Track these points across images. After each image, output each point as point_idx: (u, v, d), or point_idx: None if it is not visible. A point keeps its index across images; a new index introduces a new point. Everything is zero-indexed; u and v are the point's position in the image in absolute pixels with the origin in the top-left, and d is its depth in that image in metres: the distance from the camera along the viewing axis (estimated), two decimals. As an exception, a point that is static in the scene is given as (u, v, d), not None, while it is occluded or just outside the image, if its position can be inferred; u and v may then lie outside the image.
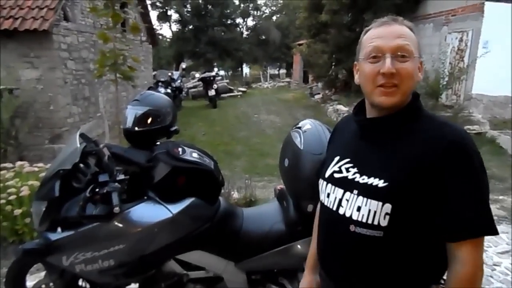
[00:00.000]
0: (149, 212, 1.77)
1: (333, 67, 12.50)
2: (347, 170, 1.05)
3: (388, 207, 0.93)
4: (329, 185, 1.09)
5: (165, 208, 1.78)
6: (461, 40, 8.89)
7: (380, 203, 0.94)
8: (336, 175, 1.07)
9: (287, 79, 24.83)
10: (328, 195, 1.08)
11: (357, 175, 1.01)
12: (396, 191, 0.94)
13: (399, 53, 0.97)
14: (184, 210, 1.79)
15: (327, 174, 1.11)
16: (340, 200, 1.03)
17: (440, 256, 0.96)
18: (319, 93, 14.21)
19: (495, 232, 0.92)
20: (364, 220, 0.96)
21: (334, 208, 1.04)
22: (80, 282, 2.04)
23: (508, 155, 6.51)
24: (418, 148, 0.95)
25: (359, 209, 0.97)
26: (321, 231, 1.16)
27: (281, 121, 10.39)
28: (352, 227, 0.99)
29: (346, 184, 1.03)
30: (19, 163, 3.57)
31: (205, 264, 1.94)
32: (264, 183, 5.32)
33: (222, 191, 2.27)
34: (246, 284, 1.97)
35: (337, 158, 1.10)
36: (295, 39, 20.09)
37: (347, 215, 1.00)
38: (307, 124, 1.89)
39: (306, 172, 1.71)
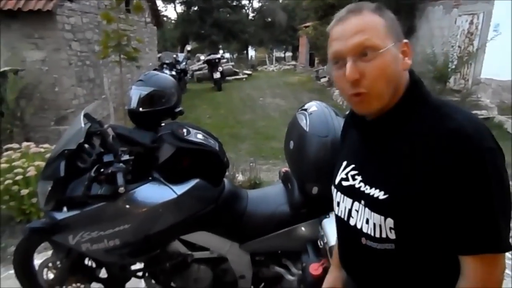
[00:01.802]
0: (154, 193, 1.78)
1: (339, 50, 12.32)
2: (353, 178, 0.96)
3: (390, 221, 0.84)
4: (339, 193, 1.01)
5: (170, 189, 1.78)
6: (471, 23, 8.70)
7: (383, 217, 0.85)
8: (344, 183, 0.99)
9: (293, 62, 24.58)
10: (338, 203, 1.01)
11: (362, 184, 0.92)
12: (396, 205, 0.83)
13: (360, 52, 0.82)
14: (189, 191, 1.79)
15: (337, 181, 1.03)
16: (350, 211, 0.95)
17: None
18: (325, 77, 14.07)
19: (505, 249, 0.78)
20: (372, 234, 0.88)
21: (345, 219, 0.97)
22: (86, 261, 2.08)
23: (515, 140, 6.45)
24: (418, 151, 0.81)
25: (367, 221, 0.89)
26: (338, 238, 1.09)
27: (287, 104, 10.32)
28: (363, 240, 0.91)
29: (354, 194, 0.94)
30: (25, 143, 3.59)
31: (210, 245, 1.95)
32: (269, 166, 5.32)
33: (227, 173, 2.27)
34: (250, 265, 1.99)
35: (344, 163, 1.02)
36: (302, 21, 19.77)
37: (358, 227, 0.92)
38: (313, 106, 1.87)
39: (311, 154, 1.70)
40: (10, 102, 5.79)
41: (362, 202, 0.91)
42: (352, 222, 0.94)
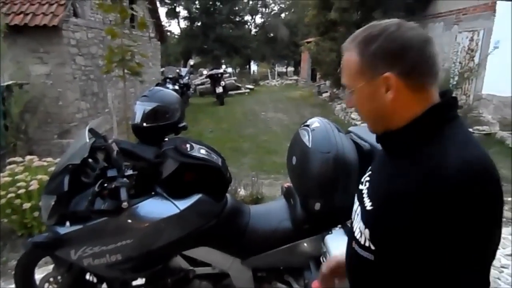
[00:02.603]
0: (157, 208, 1.78)
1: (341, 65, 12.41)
2: (365, 183, 0.99)
3: (367, 233, 0.86)
4: (356, 196, 1.03)
5: (173, 204, 1.79)
6: (471, 39, 8.79)
7: (364, 226, 0.88)
8: (360, 187, 1.02)
9: (295, 77, 24.78)
10: (354, 205, 1.03)
11: (366, 191, 0.95)
12: (373, 218, 0.86)
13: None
14: (191, 206, 1.80)
15: (359, 185, 1.05)
16: (356, 214, 0.98)
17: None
18: (326, 91, 14.17)
19: None
20: (359, 239, 0.91)
21: (353, 220, 1.00)
22: (88, 276, 2.07)
23: (518, 156, 6.44)
24: (401, 177, 0.81)
25: (358, 227, 0.93)
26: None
27: (288, 119, 10.37)
28: (353, 243, 0.94)
29: (360, 199, 0.98)
30: (28, 157, 3.61)
31: (211, 260, 1.95)
32: (271, 180, 5.31)
33: (229, 188, 2.27)
34: (251, 281, 1.98)
35: (369, 170, 1.04)
36: (304, 37, 20.01)
37: (354, 230, 0.95)
38: (315, 122, 1.88)
39: (314, 170, 1.71)
40: (14, 115, 5.84)
41: (360, 207, 0.95)
42: (354, 224, 0.98)
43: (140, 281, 2.06)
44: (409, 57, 0.82)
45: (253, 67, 33.32)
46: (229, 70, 22.44)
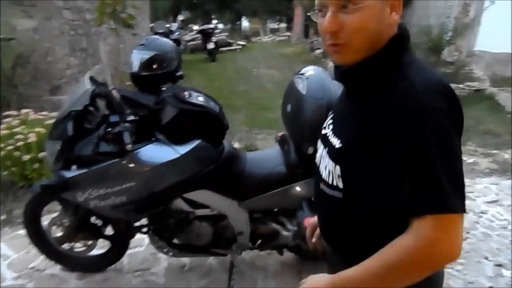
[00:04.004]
0: (158, 152, 1.86)
1: (335, 21, 12.17)
2: (328, 126, 1.00)
3: (338, 169, 0.88)
4: (319, 141, 1.05)
5: (173, 149, 1.87)
6: (467, -7, 8.65)
7: (334, 164, 0.90)
8: (323, 131, 1.03)
9: (287, 33, 24.23)
10: (317, 150, 1.06)
11: (331, 133, 0.97)
12: (344, 154, 0.88)
13: (342, 3, 0.79)
14: (191, 151, 1.88)
15: (322, 130, 1.06)
16: (321, 157, 1.00)
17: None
18: (319, 48, 13.98)
19: (451, 209, 0.74)
20: (326, 179, 0.93)
21: (318, 164, 1.02)
22: (93, 220, 2.18)
23: (505, 112, 6.58)
24: (373, 106, 0.83)
25: (326, 167, 0.94)
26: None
27: (281, 75, 10.31)
28: (321, 185, 0.97)
29: (325, 142, 0.99)
30: (24, 110, 3.60)
31: (210, 202, 2.06)
32: (264, 135, 5.40)
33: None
34: (248, 222, 2.11)
35: (330, 114, 1.06)
36: (297, -9, 19.40)
37: (321, 172, 0.98)
38: (310, 70, 1.94)
39: (308, 116, 1.78)
40: (6, 70, 5.73)
41: (326, 148, 0.97)
42: (320, 168, 0.99)
43: (143, 222, 2.18)
44: None
45: (245, 23, 32.41)
46: (220, 26, 21.84)
